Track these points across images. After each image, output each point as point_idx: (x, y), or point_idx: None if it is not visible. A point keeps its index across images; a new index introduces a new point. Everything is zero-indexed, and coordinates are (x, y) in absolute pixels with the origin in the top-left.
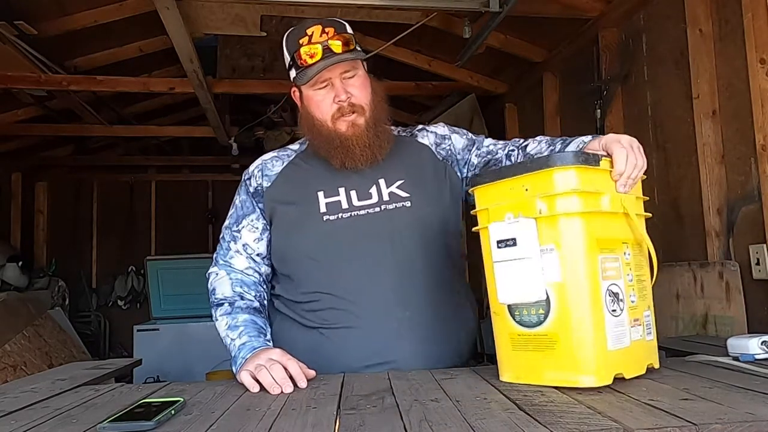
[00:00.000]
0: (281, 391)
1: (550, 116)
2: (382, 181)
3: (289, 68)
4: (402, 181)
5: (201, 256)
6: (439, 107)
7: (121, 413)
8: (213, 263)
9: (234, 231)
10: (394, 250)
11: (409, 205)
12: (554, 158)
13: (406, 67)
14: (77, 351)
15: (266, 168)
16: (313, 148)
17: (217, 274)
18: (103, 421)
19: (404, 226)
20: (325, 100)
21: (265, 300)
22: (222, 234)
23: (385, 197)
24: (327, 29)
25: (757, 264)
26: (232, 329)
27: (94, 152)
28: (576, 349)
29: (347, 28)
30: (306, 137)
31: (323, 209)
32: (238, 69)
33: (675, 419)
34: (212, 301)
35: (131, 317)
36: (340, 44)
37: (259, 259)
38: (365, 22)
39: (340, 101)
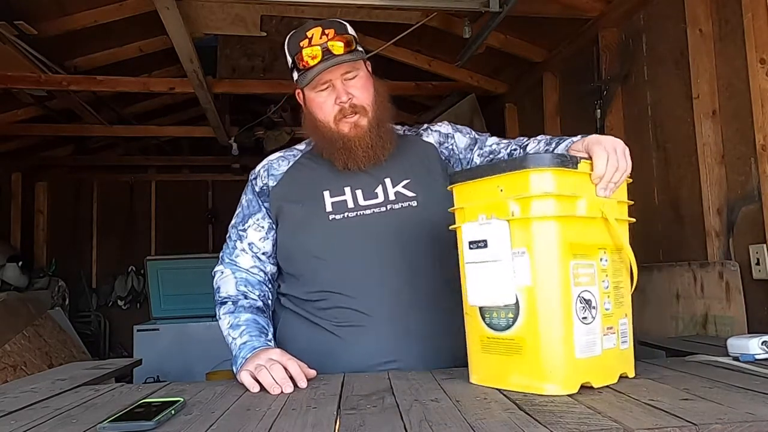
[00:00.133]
0: (281, 391)
1: (550, 116)
2: (387, 181)
3: (291, 71)
4: (408, 181)
5: (201, 256)
6: (439, 107)
7: (121, 413)
8: (219, 261)
9: (240, 230)
10: (400, 249)
11: (414, 204)
12: (530, 159)
13: (406, 67)
14: (77, 351)
15: (272, 168)
16: (317, 149)
17: (222, 273)
18: (103, 421)
19: (410, 226)
20: (326, 102)
21: (270, 299)
22: (228, 233)
23: (391, 197)
24: (327, 31)
25: (757, 264)
26: (234, 328)
27: (94, 152)
28: (542, 355)
29: (348, 29)
30: (310, 138)
31: (329, 208)
32: (238, 69)
33: (675, 419)
34: (216, 300)
35: (131, 317)
36: (341, 45)
37: (264, 258)
38: (365, 22)
39: (341, 103)
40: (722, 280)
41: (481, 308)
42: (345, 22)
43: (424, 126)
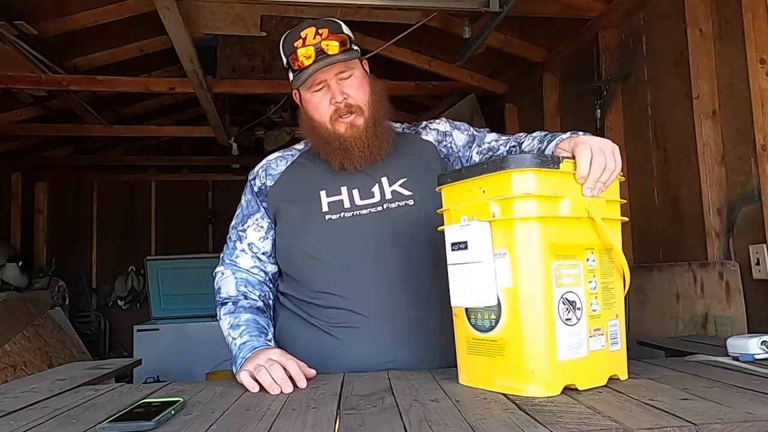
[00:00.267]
0: (281, 392)
1: (550, 116)
2: (384, 180)
3: (286, 71)
4: (405, 180)
5: (201, 256)
6: (439, 107)
7: (121, 413)
8: (219, 262)
9: (240, 230)
10: (396, 249)
11: (411, 203)
12: (510, 160)
13: (406, 67)
14: (77, 351)
15: (270, 168)
16: (314, 149)
17: (222, 274)
18: (103, 421)
19: (407, 225)
20: (322, 102)
21: (270, 299)
22: (229, 233)
23: (388, 196)
24: (321, 30)
25: (757, 264)
26: (234, 328)
27: (94, 152)
28: (524, 357)
29: (343, 28)
30: (307, 138)
31: (325, 208)
32: (238, 69)
33: (675, 419)
34: (217, 300)
35: (131, 317)
36: (336, 45)
37: (264, 257)
38: (365, 22)
39: (336, 103)
40: (722, 280)
41: (466, 309)
42: (340, 22)
43: (423, 124)
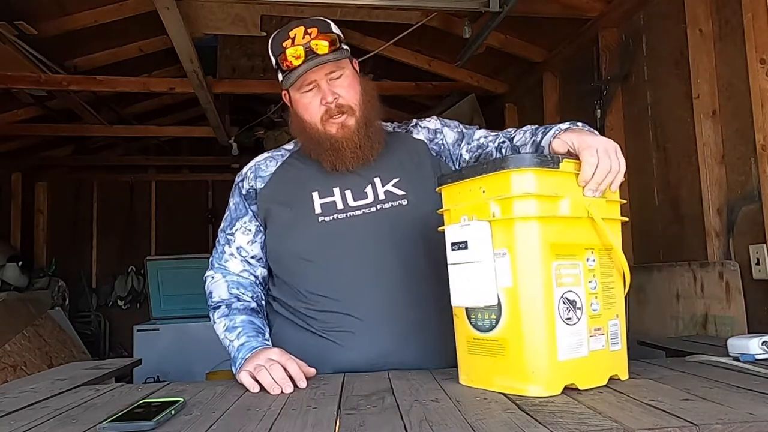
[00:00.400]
0: (281, 392)
1: (550, 116)
2: (377, 180)
3: (276, 72)
4: (398, 179)
5: (201, 256)
6: (439, 107)
7: (121, 413)
8: (209, 267)
9: (228, 234)
10: (393, 250)
11: (405, 203)
12: (510, 160)
13: (406, 67)
14: (77, 351)
15: (259, 169)
16: (304, 150)
17: (213, 278)
18: (103, 421)
19: (402, 225)
20: (312, 103)
21: (263, 300)
22: (218, 237)
23: (381, 196)
24: (310, 30)
25: (757, 264)
26: (230, 330)
27: (94, 152)
28: (525, 357)
29: (332, 28)
30: (298, 139)
31: (318, 210)
32: (238, 69)
33: (675, 419)
34: (209, 305)
35: (131, 317)
36: (325, 44)
37: (254, 261)
38: (365, 22)
39: (327, 103)
40: (722, 280)
41: (467, 309)
42: (329, 21)
43: (413, 122)
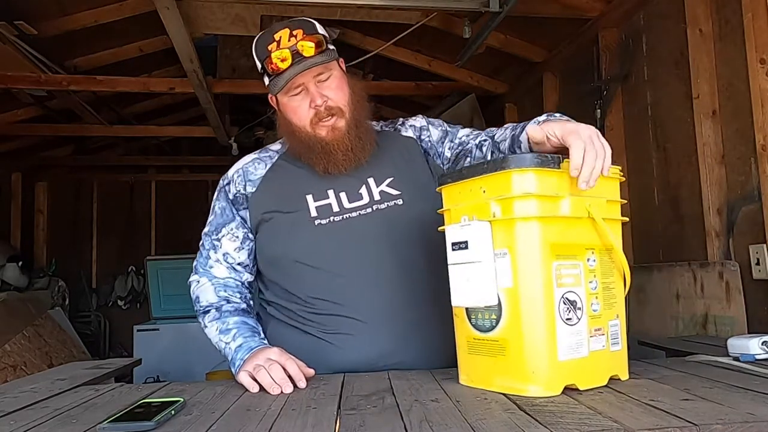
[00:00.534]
0: (281, 392)
1: None
2: (371, 180)
3: (261, 76)
4: (392, 179)
5: None
6: (439, 107)
7: (121, 413)
8: (193, 271)
9: (214, 239)
10: (391, 250)
11: (401, 203)
12: (511, 160)
13: (406, 67)
14: (77, 351)
15: (248, 172)
16: (294, 152)
17: (198, 282)
18: (103, 421)
19: (399, 225)
20: (301, 107)
21: (251, 302)
22: (201, 241)
23: (376, 197)
24: (295, 32)
25: (757, 264)
26: (224, 333)
27: (94, 152)
28: (525, 357)
29: (317, 28)
30: (287, 142)
31: (314, 213)
32: (238, 69)
33: (676, 419)
34: (198, 310)
35: (131, 317)
36: (311, 46)
37: (240, 268)
38: (365, 22)
39: (316, 106)
40: (722, 280)
41: (467, 309)
42: (314, 21)
43: (401, 121)
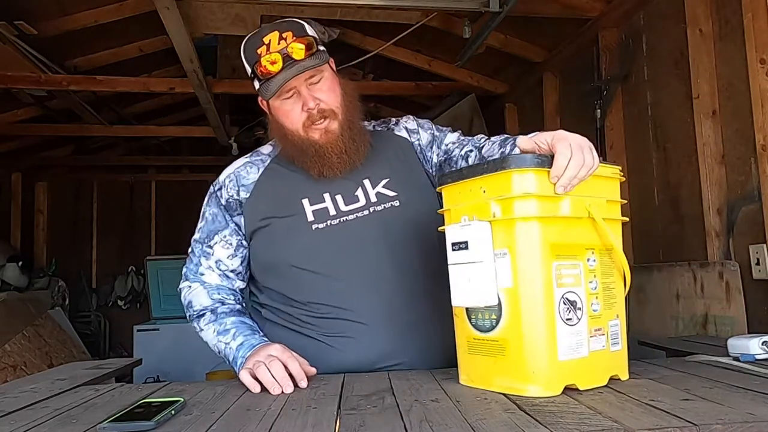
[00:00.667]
0: (281, 391)
1: (550, 116)
2: (366, 182)
3: (251, 79)
4: (387, 180)
5: None
6: (439, 107)
7: (121, 413)
8: (183, 278)
9: (206, 246)
10: (390, 252)
11: (397, 204)
12: (511, 160)
13: (406, 67)
14: (77, 351)
15: (240, 177)
16: (286, 155)
17: (190, 287)
18: (103, 421)
19: (396, 227)
20: (293, 110)
21: (244, 303)
22: (191, 247)
23: (373, 198)
24: (285, 34)
25: (757, 264)
26: (222, 334)
27: (94, 152)
28: (525, 357)
29: (307, 30)
30: (279, 145)
31: (311, 218)
32: (238, 69)
33: (676, 419)
34: (191, 315)
35: (131, 317)
36: (302, 49)
37: (233, 275)
38: (365, 22)
39: (309, 109)
40: (722, 280)
41: (467, 309)
42: (303, 22)
43: (393, 121)
